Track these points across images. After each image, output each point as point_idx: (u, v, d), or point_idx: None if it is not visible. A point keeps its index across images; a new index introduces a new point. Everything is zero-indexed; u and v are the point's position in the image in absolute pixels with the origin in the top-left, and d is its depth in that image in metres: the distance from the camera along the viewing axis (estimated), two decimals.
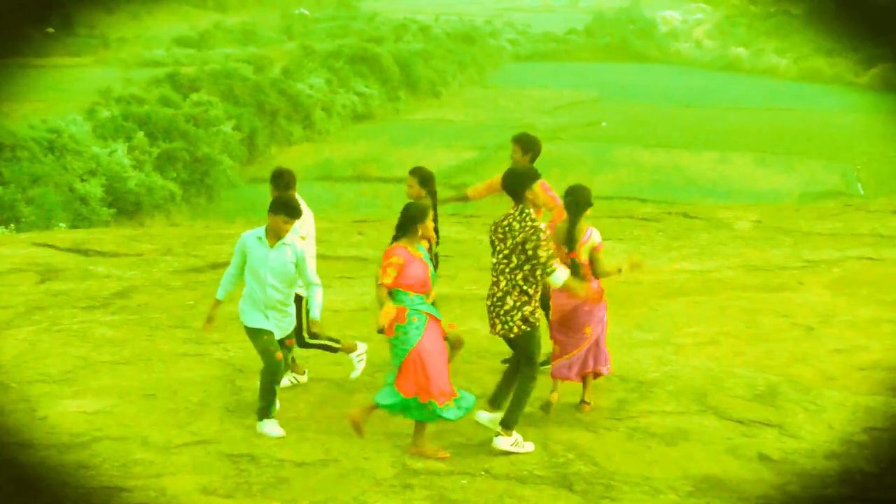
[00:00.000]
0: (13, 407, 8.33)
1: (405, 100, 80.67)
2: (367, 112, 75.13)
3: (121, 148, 49.06)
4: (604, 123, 74.29)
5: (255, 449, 7.45)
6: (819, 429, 7.84)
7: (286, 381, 8.66)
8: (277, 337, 7.83)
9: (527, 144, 8.77)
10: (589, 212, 7.98)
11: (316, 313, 7.74)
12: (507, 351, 8.34)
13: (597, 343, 8.13)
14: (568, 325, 8.08)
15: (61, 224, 36.57)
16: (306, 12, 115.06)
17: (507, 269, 7.46)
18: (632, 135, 69.55)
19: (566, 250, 7.89)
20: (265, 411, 7.79)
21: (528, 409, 8.04)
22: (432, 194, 8.58)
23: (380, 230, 15.27)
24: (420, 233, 7.37)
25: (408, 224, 7.35)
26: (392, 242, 7.39)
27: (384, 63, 79.42)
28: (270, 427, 7.75)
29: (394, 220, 7.49)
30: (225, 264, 13.49)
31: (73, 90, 66.28)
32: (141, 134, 51.16)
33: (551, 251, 7.41)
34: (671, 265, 13.33)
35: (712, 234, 15.41)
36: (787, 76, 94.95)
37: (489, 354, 9.42)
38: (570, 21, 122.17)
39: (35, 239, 15.91)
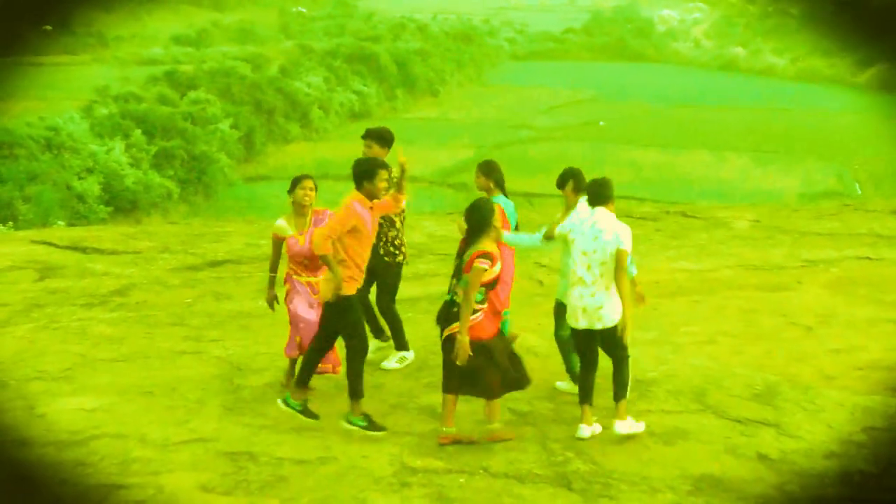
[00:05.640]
0: (11, 404, 8.31)
1: (402, 98, 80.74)
2: (365, 111, 75.04)
3: (118, 146, 49.00)
4: (601, 123, 74.39)
5: (253, 447, 7.44)
6: (817, 428, 7.84)
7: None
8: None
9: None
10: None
11: None
12: None
13: None
14: None
15: (59, 222, 36.49)
16: (304, 10, 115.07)
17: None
18: (629, 134, 69.60)
19: None
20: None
21: (526, 407, 8.05)
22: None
23: None
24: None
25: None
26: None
27: (382, 62, 79.50)
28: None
29: None
30: (223, 262, 13.65)
31: (70, 88, 66.20)
32: (138, 132, 51.10)
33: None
34: (669, 264, 13.31)
35: (710, 233, 15.39)
36: (785, 76, 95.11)
37: None
38: (567, 20, 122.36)
39: (33, 237, 15.89)
